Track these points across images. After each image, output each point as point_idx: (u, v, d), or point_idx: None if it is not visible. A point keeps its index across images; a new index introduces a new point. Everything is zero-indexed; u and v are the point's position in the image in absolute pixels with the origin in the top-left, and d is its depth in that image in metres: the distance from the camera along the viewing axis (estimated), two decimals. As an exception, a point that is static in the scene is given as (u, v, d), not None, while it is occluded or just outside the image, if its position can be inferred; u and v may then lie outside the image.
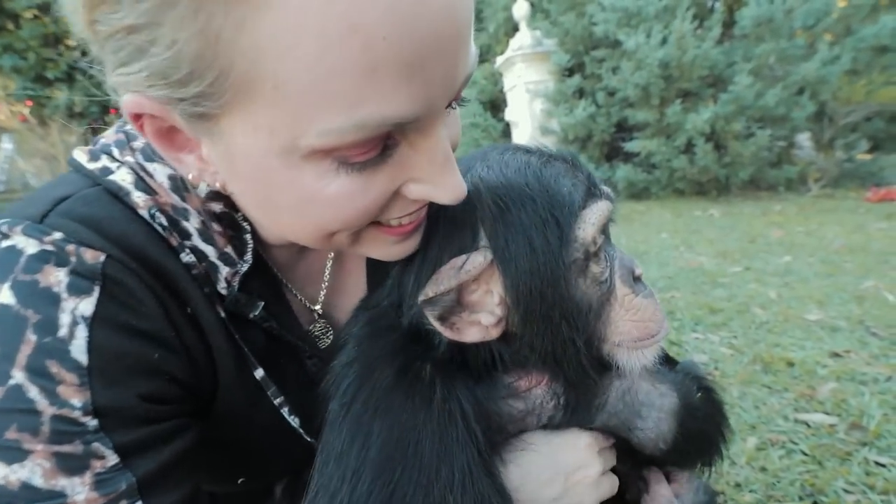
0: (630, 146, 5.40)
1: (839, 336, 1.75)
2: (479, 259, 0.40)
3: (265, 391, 0.48)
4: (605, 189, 0.45)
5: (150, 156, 0.42)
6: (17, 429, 0.33)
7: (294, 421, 0.50)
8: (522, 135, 6.62)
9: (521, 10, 6.33)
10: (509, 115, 6.79)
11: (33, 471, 0.33)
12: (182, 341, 0.42)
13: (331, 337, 0.55)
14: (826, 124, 5.21)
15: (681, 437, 0.47)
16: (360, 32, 0.27)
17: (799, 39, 4.64)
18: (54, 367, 0.35)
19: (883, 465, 1.09)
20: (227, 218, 0.45)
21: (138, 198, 0.40)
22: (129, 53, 0.31)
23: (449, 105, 0.37)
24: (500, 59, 6.74)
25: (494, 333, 0.41)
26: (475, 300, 0.41)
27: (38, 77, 10.79)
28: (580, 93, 5.98)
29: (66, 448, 0.34)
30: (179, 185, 0.43)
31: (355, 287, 0.57)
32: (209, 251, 0.44)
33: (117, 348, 0.37)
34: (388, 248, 0.42)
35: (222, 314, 0.45)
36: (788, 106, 4.71)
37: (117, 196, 0.40)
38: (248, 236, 0.46)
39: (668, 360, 0.58)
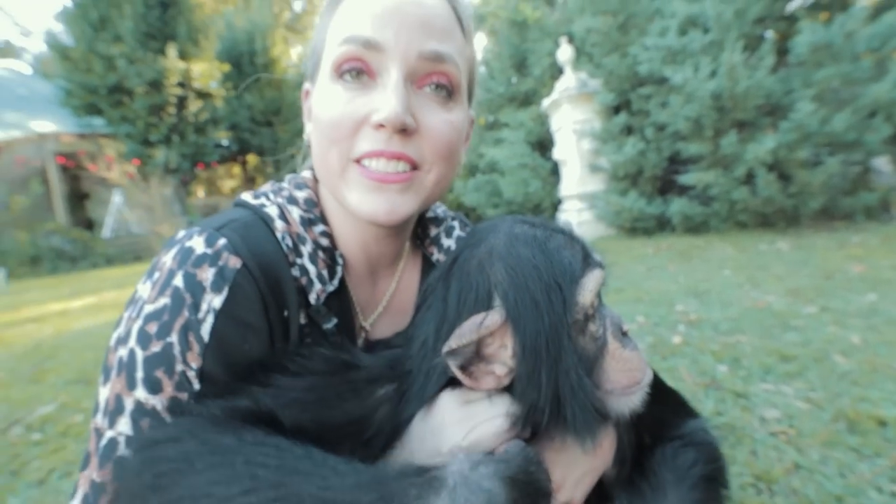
0: (685, 179, 5.18)
1: (941, 390, 1.52)
2: (496, 317, 0.45)
3: None
4: (598, 258, 0.50)
5: (291, 202, 0.61)
6: (163, 371, 0.48)
7: None
8: (571, 173, 6.58)
9: (565, 53, 6.46)
10: (557, 154, 6.80)
11: (160, 402, 0.47)
12: (272, 334, 0.55)
13: None
14: (907, 146, 4.72)
15: None
16: (366, 7, 0.53)
17: (865, 61, 4.32)
18: (191, 337, 0.49)
19: None
20: (329, 251, 0.61)
21: (279, 224, 0.58)
22: (309, 51, 0.61)
23: (425, 83, 0.54)
24: (546, 102, 6.84)
25: (505, 382, 0.46)
26: (491, 353, 0.46)
27: (143, 140, 12.47)
28: (628, 130, 5.90)
29: (180, 395, 0.48)
30: (306, 221, 0.60)
31: (401, 319, 0.67)
32: (311, 270, 0.58)
33: (228, 333, 0.50)
34: (363, 195, 0.54)
35: (303, 320, 0.58)
36: (860, 130, 4.34)
37: (266, 222, 0.58)
38: (340, 267, 0.62)
39: (682, 412, 0.60)
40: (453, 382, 0.48)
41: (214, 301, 0.50)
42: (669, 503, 0.49)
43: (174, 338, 0.48)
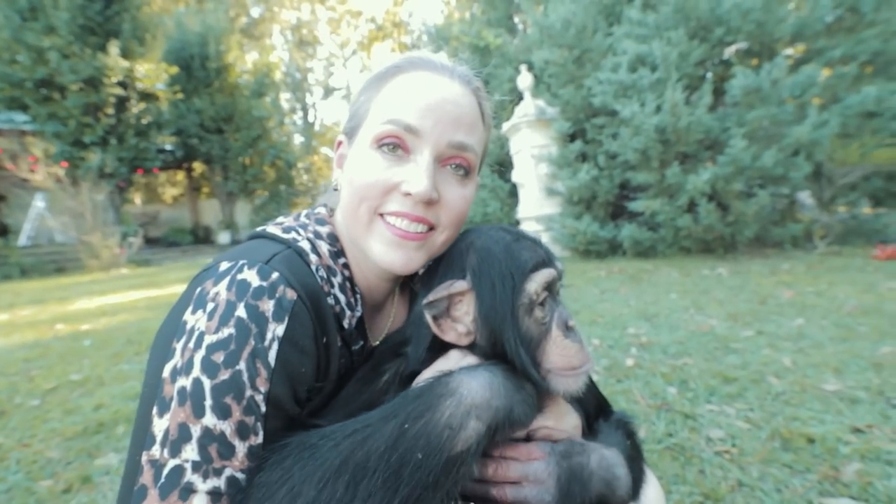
0: (634, 206, 5.52)
1: (859, 408, 1.70)
2: (462, 284, 0.62)
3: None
4: (556, 263, 0.65)
5: (317, 237, 0.69)
6: (232, 397, 0.52)
7: None
8: (529, 195, 6.82)
9: (525, 81, 6.76)
10: (516, 177, 7.04)
11: (228, 426, 0.51)
12: (318, 359, 0.61)
13: None
14: (825, 184, 5.32)
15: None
16: (409, 93, 0.65)
17: (788, 105, 4.87)
18: (258, 364, 0.54)
19: (918, 560, 1.03)
20: (351, 281, 0.71)
21: (313, 258, 0.65)
22: (350, 109, 0.72)
23: (448, 163, 0.66)
24: (506, 125, 7.09)
25: (465, 341, 0.61)
26: (458, 314, 0.62)
27: (75, 141, 11.58)
28: (583, 157, 6.22)
29: (247, 419, 0.52)
30: (334, 255, 0.69)
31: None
32: (342, 299, 0.67)
33: (290, 358, 0.56)
34: (386, 247, 0.65)
35: (339, 343, 0.66)
36: (786, 166, 4.84)
37: (301, 255, 0.64)
38: (359, 296, 0.72)
39: (603, 410, 0.76)
40: (436, 343, 0.63)
41: (278, 329, 0.56)
42: (609, 441, 0.66)
43: (242, 365, 0.53)
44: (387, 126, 0.63)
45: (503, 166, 7.87)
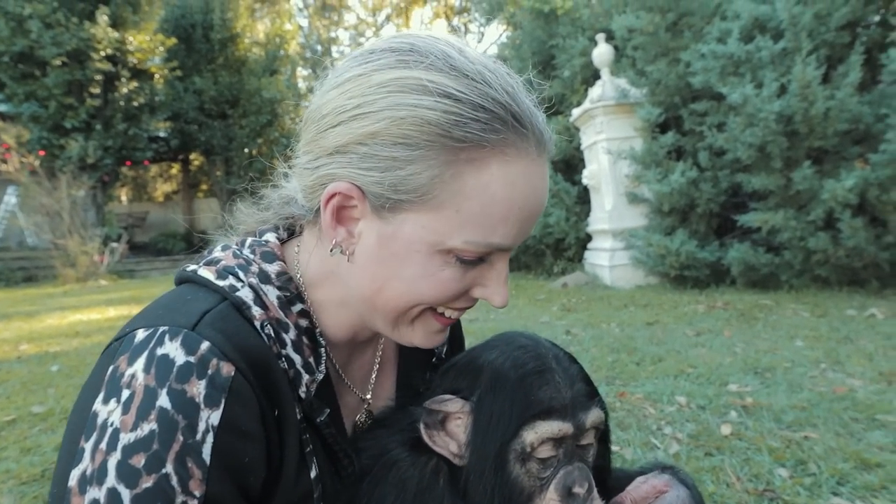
0: (746, 219, 5.32)
1: None
2: (456, 404, 0.71)
3: (312, 494, 0.70)
4: (582, 416, 0.69)
5: (264, 280, 0.69)
6: None
7: None
8: (604, 203, 6.74)
9: (602, 54, 6.76)
10: (587, 178, 6.99)
11: None
12: (268, 440, 0.63)
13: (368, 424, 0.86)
14: None
15: None
16: (513, 205, 0.63)
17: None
18: (190, 463, 0.54)
19: None
20: (309, 331, 0.72)
21: (256, 311, 0.66)
22: (375, 163, 0.62)
23: None
24: (576, 112, 7.09)
25: (456, 462, 0.70)
26: (453, 430, 0.72)
27: (55, 126, 12.68)
28: (677, 153, 6.09)
29: None
30: (285, 303, 0.70)
31: (388, 384, 0.91)
32: (297, 360, 0.68)
33: (231, 449, 0.58)
34: (429, 336, 0.72)
35: (299, 416, 0.68)
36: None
37: (240, 309, 0.65)
38: (323, 350, 0.72)
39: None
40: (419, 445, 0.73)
41: (212, 417, 0.57)
42: None
43: (170, 468, 0.54)
44: (478, 249, 0.64)
45: (570, 164, 7.84)
